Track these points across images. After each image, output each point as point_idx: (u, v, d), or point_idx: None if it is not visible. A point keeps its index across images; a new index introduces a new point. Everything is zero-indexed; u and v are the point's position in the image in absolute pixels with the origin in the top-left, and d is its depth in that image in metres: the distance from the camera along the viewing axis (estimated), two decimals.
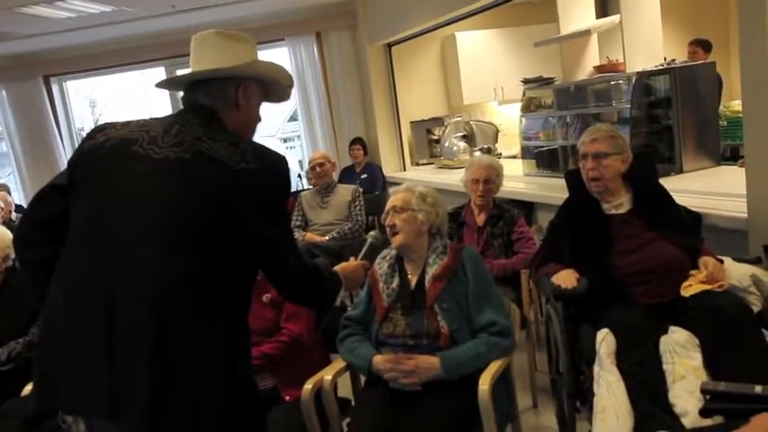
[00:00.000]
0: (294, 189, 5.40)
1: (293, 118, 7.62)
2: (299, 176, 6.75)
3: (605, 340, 2.03)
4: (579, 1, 4.54)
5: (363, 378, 2.31)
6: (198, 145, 1.41)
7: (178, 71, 6.63)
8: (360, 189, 4.77)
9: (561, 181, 2.77)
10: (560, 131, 4.34)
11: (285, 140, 10.08)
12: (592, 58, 4.50)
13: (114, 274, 1.34)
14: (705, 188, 3.11)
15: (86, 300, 1.35)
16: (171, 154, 1.40)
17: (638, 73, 3.74)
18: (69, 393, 1.36)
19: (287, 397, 2.23)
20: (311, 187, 4.93)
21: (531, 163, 4.63)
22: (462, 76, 6.53)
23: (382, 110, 6.54)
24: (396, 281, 2.27)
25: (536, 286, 2.82)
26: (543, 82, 4.51)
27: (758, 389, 1.62)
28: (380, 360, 2.14)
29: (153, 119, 1.55)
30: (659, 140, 3.78)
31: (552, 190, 3.74)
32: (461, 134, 5.96)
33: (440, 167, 6.13)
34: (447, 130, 6.07)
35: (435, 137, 6.48)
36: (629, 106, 3.69)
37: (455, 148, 5.93)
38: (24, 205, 5.65)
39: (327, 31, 6.61)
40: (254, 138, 1.61)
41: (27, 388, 2.23)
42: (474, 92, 6.57)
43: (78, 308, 1.36)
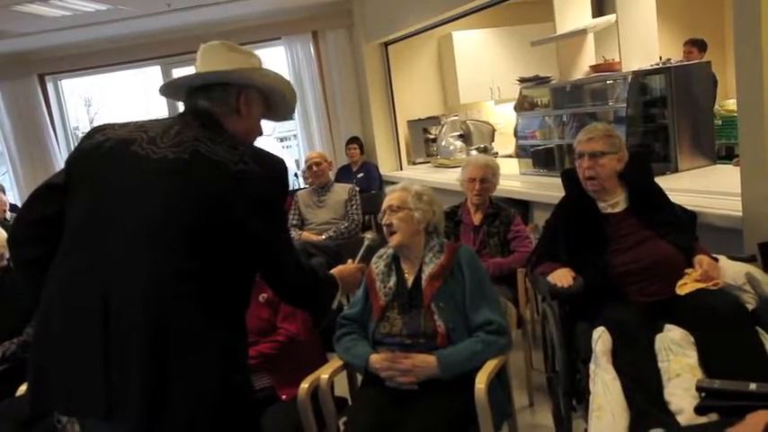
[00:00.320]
0: (291, 188, 5.39)
1: (290, 117, 7.58)
2: (296, 175, 6.74)
3: (601, 339, 2.04)
4: (575, 0, 4.55)
5: (360, 377, 2.31)
6: (197, 145, 1.41)
7: (174, 70, 6.62)
8: (356, 188, 4.77)
9: (557, 180, 2.78)
10: (556, 130, 4.35)
11: (282, 140, 10.05)
12: (588, 58, 4.51)
13: (111, 274, 1.34)
14: (700, 187, 3.12)
15: (83, 299, 1.35)
16: (170, 154, 1.40)
17: (633, 72, 3.75)
18: (64, 393, 1.35)
19: (283, 396, 2.23)
20: (308, 186, 4.92)
21: (528, 162, 4.64)
22: (459, 76, 6.53)
23: (379, 109, 6.54)
24: (392, 280, 2.27)
25: (532, 285, 2.82)
26: (540, 81, 4.51)
27: (753, 386, 1.63)
28: (377, 359, 2.14)
29: (152, 120, 1.55)
30: (655, 139, 3.79)
31: (548, 189, 3.75)
32: (458, 133, 5.96)
33: (436, 166, 6.13)
34: (443, 130, 6.08)
35: (432, 136, 6.49)
36: (624, 105, 3.70)
37: (452, 148, 5.93)
38: (19, 204, 5.62)
39: (324, 30, 6.61)
40: None
41: (21, 388, 2.22)
42: (470, 91, 6.58)
43: (74, 307, 1.35)
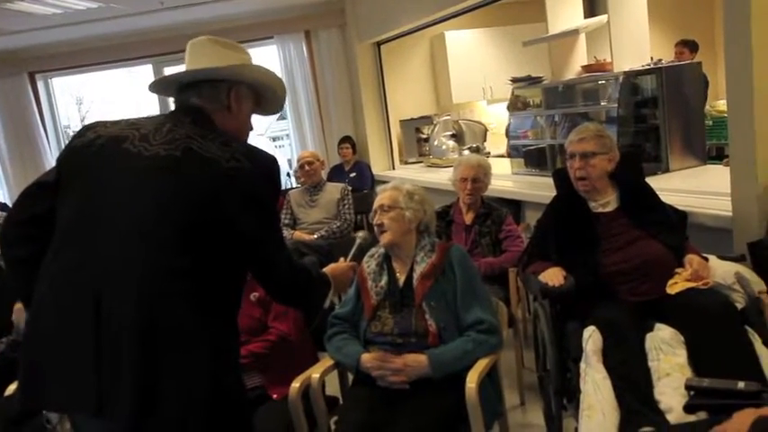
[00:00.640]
0: (283, 187, 5.38)
1: (282, 117, 7.58)
2: (288, 175, 6.73)
3: (592, 338, 2.05)
4: (567, 1, 4.56)
5: (351, 376, 2.31)
6: (189, 143, 1.40)
7: (166, 69, 6.59)
8: (348, 187, 4.76)
9: (549, 180, 2.79)
10: (548, 130, 4.36)
11: (274, 139, 10.04)
12: (580, 58, 4.53)
13: (103, 272, 1.33)
14: (691, 187, 3.13)
15: (74, 297, 1.34)
16: (162, 151, 1.39)
17: (625, 73, 3.76)
18: (56, 390, 1.35)
19: (275, 395, 2.23)
20: (300, 186, 4.92)
21: (520, 162, 4.65)
22: (451, 75, 6.54)
23: (371, 108, 6.53)
24: (384, 279, 2.27)
25: (523, 284, 2.83)
26: (532, 81, 4.52)
27: (741, 385, 1.64)
28: (368, 358, 2.14)
29: (144, 117, 1.54)
30: (646, 140, 3.81)
31: (540, 188, 3.76)
32: (450, 133, 5.96)
33: (428, 166, 6.14)
34: (436, 129, 6.08)
35: (424, 135, 6.49)
36: (616, 105, 3.72)
37: (444, 147, 5.94)
38: (9, 203, 5.59)
39: (317, 30, 6.60)
40: None
41: (10, 388, 2.20)
42: (463, 91, 6.58)
43: (66, 304, 1.35)
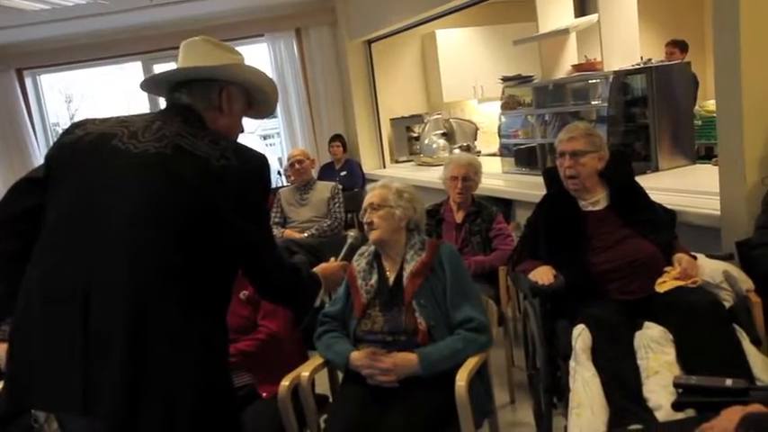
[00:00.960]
0: (273, 186, 5.37)
1: (273, 115, 7.56)
2: (279, 173, 6.71)
3: (581, 336, 2.05)
4: (558, 0, 4.57)
5: (341, 375, 2.30)
6: (178, 140, 1.40)
7: (155, 66, 6.55)
8: (339, 186, 4.76)
9: (539, 178, 2.80)
10: (539, 129, 4.37)
11: (265, 137, 10.01)
12: (570, 57, 4.53)
13: (91, 269, 1.32)
14: (680, 186, 3.15)
15: (62, 293, 1.33)
16: (151, 149, 1.39)
17: (615, 72, 3.78)
18: (42, 387, 1.34)
19: (264, 393, 2.22)
20: (290, 184, 4.90)
21: (510, 160, 4.66)
22: (442, 74, 6.53)
23: (362, 107, 6.52)
24: (374, 277, 2.27)
25: (514, 283, 2.84)
26: (522, 80, 4.53)
27: (729, 382, 1.65)
28: (358, 357, 2.13)
29: (133, 115, 1.53)
30: (636, 139, 3.83)
31: (530, 187, 3.77)
32: (441, 132, 5.97)
33: (419, 165, 6.13)
34: (427, 128, 6.08)
35: (415, 134, 6.49)
36: (606, 105, 3.73)
37: (434, 146, 5.94)
38: None
39: (307, 28, 6.58)
40: None
41: None
42: (454, 89, 6.58)
43: (54, 301, 1.34)
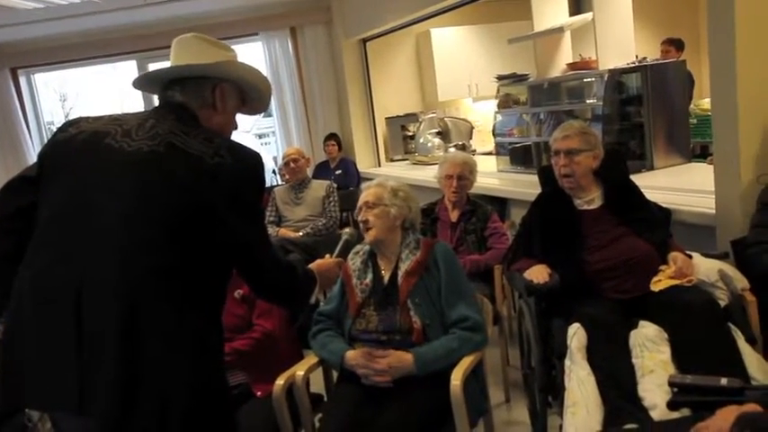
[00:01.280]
0: (268, 185, 5.36)
1: (268, 113, 7.54)
2: (274, 172, 6.69)
3: (576, 335, 2.05)
4: None
5: (336, 374, 2.30)
6: (171, 138, 1.39)
7: (150, 65, 6.52)
8: (334, 185, 4.75)
9: (534, 177, 2.79)
10: (534, 128, 4.37)
11: (260, 136, 10.01)
12: (565, 56, 4.53)
13: (84, 268, 1.32)
14: (675, 185, 3.15)
15: (55, 292, 1.32)
16: (144, 147, 1.38)
17: (610, 71, 3.78)
18: (36, 387, 1.33)
19: (258, 392, 2.21)
20: (285, 183, 4.89)
21: (505, 159, 4.66)
22: (437, 73, 6.54)
23: (357, 105, 6.52)
24: (369, 276, 2.26)
25: (509, 282, 2.84)
26: (517, 79, 4.53)
27: (724, 381, 1.65)
28: (353, 356, 2.13)
29: (127, 113, 1.53)
30: (631, 137, 3.83)
31: (525, 186, 3.76)
32: (436, 130, 5.97)
33: (414, 163, 6.13)
34: (422, 127, 6.08)
35: (410, 133, 6.49)
36: (601, 103, 3.73)
37: (429, 145, 5.94)
38: None
39: (302, 26, 6.57)
40: None
41: None
42: (449, 88, 6.59)
43: (47, 300, 1.33)
